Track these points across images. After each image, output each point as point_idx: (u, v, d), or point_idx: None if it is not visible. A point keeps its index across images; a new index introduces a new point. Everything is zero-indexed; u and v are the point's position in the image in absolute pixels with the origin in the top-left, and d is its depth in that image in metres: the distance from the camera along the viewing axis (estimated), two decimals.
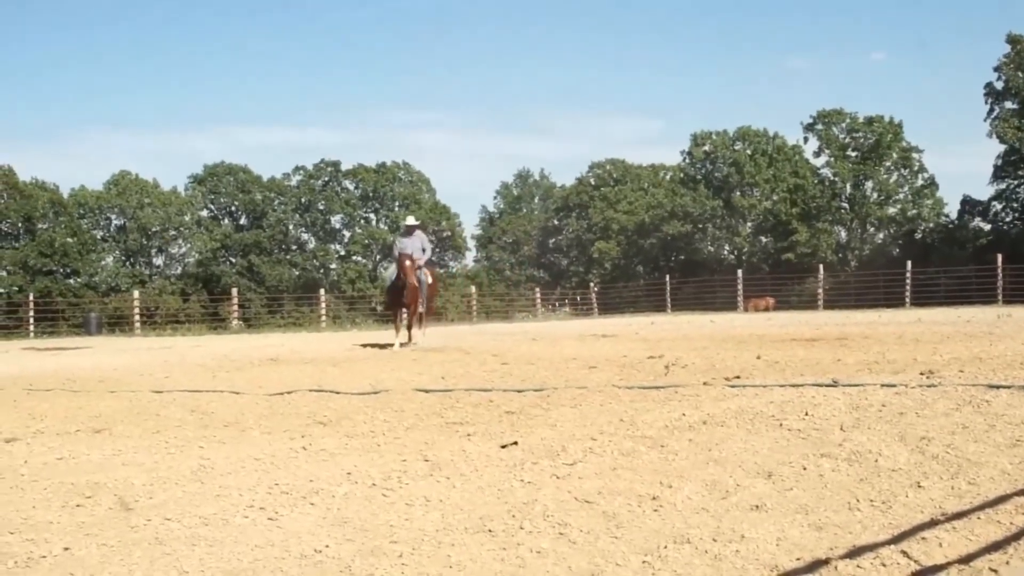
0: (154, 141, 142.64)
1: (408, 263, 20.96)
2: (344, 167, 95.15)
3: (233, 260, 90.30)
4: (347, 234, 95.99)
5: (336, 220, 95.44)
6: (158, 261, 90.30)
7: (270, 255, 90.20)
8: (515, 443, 7.75)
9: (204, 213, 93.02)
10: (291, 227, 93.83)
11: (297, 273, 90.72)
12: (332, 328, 41.27)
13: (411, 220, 22.87)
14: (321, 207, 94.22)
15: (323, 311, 48.45)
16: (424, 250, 22.15)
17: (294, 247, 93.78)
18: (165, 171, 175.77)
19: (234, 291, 50.32)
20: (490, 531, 5.34)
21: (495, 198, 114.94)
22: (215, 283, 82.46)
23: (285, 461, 7.50)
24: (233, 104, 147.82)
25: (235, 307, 48.80)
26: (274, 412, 10.47)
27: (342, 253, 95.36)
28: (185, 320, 54.09)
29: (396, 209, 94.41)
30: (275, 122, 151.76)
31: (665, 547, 4.95)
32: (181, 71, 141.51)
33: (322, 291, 52.67)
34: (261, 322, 54.28)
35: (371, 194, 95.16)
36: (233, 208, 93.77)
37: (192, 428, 9.51)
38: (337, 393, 11.89)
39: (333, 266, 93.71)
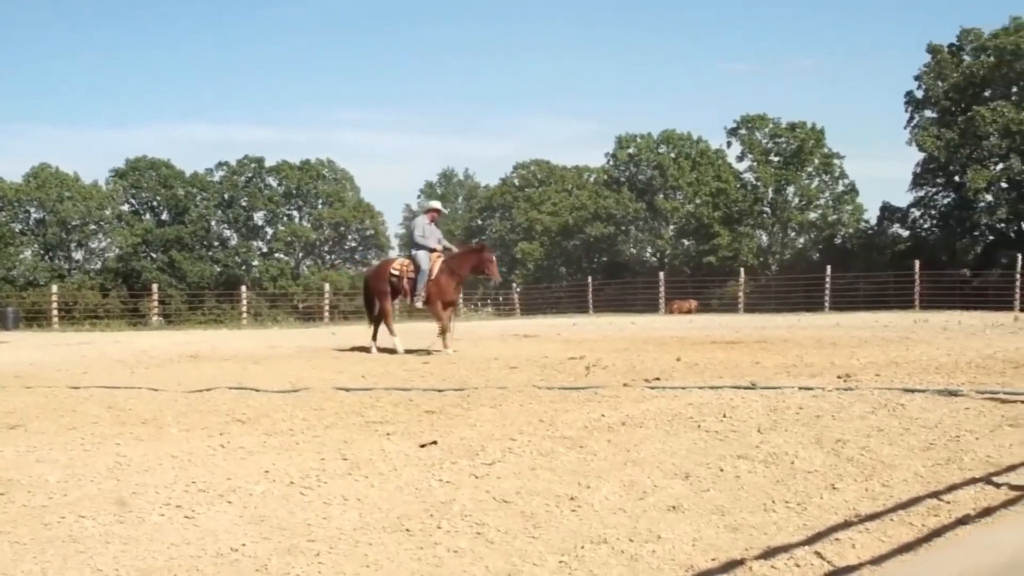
0: (75, 134, 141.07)
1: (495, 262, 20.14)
2: (268, 164, 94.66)
3: (154, 255, 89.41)
4: (270, 231, 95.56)
5: (259, 217, 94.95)
6: (77, 255, 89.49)
7: (191, 251, 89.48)
8: (434, 442, 7.75)
9: (125, 208, 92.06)
10: (213, 223, 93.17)
11: (219, 270, 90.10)
12: (253, 325, 41.00)
13: (439, 205, 21.42)
14: (244, 203, 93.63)
15: (244, 308, 48.04)
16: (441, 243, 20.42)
17: (216, 243, 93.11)
18: (86, 165, 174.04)
19: (154, 287, 49.72)
20: (408, 530, 5.34)
21: (419, 197, 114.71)
22: (135, 278, 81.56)
23: (203, 459, 7.44)
24: (157, 98, 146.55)
25: (155, 303, 48.25)
26: (193, 409, 10.38)
27: (264, 250, 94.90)
28: (104, 316, 53.42)
29: (319, 207, 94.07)
30: (199, 117, 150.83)
31: (582, 547, 4.98)
32: (104, 64, 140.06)
33: (243, 288, 52.18)
34: (182, 318, 53.74)
35: (294, 191, 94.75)
36: (155, 203, 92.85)
37: (109, 425, 9.40)
38: (257, 391, 11.82)
39: (255, 263, 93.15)
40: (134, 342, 25.39)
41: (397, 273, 19.90)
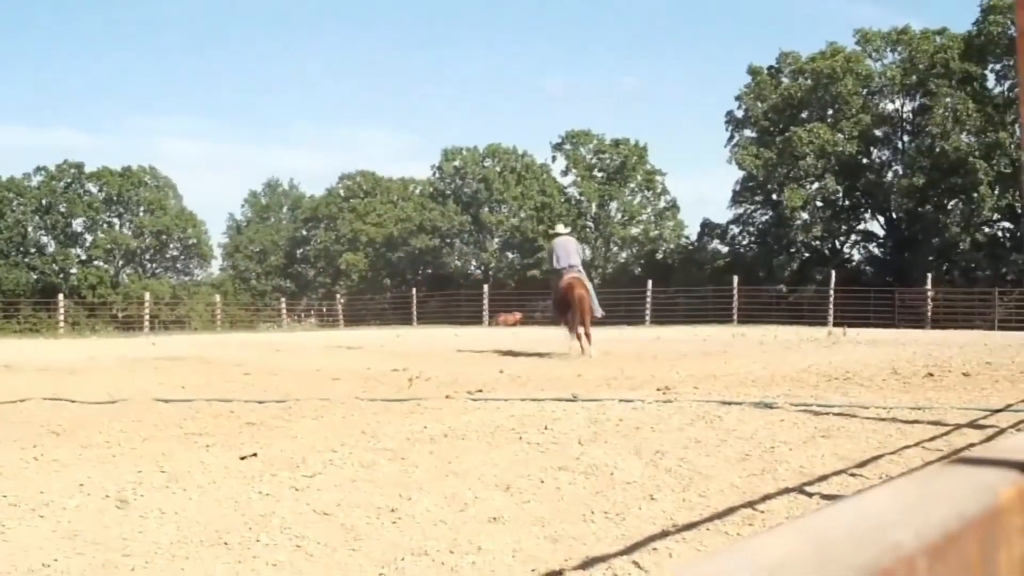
0: None
1: None
2: (88, 169, 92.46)
3: None
4: (89, 238, 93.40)
5: (78, 223, 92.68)
6: None
7: (7, 258, 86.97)
8: (255, 455, 7.67)
9: None
10: (30, 229, 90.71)
11: (35, 277, 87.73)
12: (71, 335, 40.08)
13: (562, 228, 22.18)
14: (62, 209, 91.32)
15: (62, 317, 46.98)
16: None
17: (33, 250, 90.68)
18: None
19: None
20: (226, 544, 5.27)
21: (243, 207, 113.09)
22: None
23: (14, 472, 7.24)
24: None
25: None
26: (4, 421, 10.10)
27: (83, 258, 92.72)
28: None
29: (141, 214, 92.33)
30: (16, 120, 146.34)
31: (402, 559, 4.97)
32: None
33: (61, 296, 51.03)
34: None
35: (115, 198, 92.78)
36: None
37: None
38: (73, 402, 11.55)
39: (73, 271, 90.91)
40: None
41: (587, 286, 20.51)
